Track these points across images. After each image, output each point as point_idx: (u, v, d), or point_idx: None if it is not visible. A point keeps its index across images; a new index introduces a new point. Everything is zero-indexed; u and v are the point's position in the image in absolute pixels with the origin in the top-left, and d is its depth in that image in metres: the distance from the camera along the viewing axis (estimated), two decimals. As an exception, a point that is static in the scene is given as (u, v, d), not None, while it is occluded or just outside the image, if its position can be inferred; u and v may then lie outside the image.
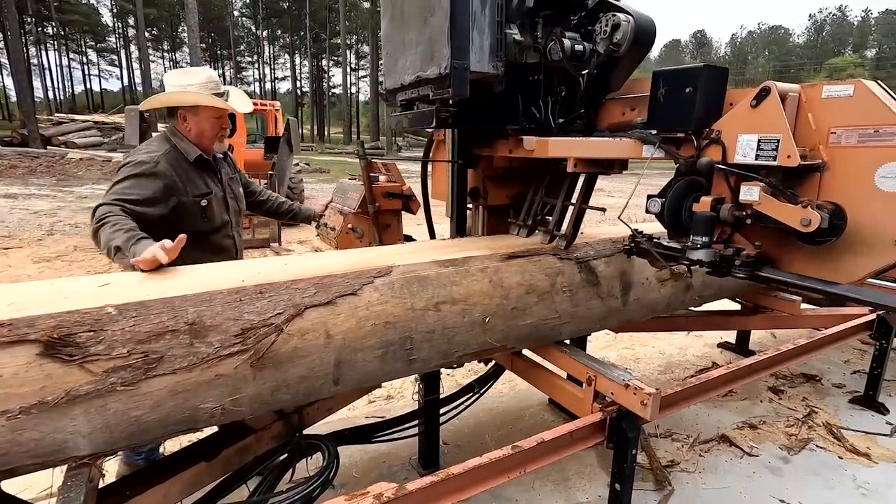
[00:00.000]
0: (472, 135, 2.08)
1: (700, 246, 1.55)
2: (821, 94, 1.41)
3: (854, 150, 1.36)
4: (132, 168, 1.75)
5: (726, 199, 1.56)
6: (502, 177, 2.23)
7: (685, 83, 1.57)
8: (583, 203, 1.98)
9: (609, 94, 1.89)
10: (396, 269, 1.64)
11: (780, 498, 2.21)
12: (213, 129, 1.94)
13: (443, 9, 1.51)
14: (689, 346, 3.86)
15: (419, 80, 1.69)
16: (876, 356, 2.93)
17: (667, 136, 1.65)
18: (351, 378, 1.54)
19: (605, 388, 1.81)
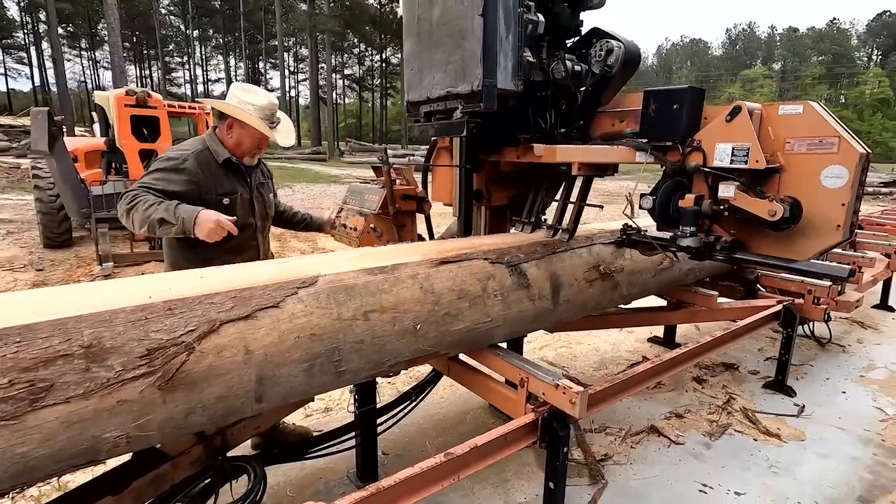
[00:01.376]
0: (479, 142, 2.29)
1: (688, 235, 1.88)
2: (778, 112, 1.76)
3: (804, 156, 1.71)
4: (160, 163, 1.97)
5: (705, 196, 1.88)
6: (503, 180, 2.51)
7: (673, 101, 1.88)
8: (581, 201, 2.31)
9: (600, 107, 2.23)
10: (322, 278, 1.59)
11: (702, 482, 2.35)
12: (251, 146, 2.14)
13: (476, 35, 1.82)
14: (622, 342, 4.03)
15: (449, 94, 1.99)
16: (783, 343, 3.18)
17: (656, 144, 1.95)
18: (275, 394, 1.47)
19: (536, 389, 1.84)
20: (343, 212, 2.80)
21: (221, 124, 2.11)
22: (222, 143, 2.10)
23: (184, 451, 1.58)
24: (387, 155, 2.73)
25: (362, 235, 2.66)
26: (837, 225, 1.67)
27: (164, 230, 1.82)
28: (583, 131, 2.27)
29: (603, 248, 2.44)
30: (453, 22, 1.92)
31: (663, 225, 2.02)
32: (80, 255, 6.42)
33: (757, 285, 3.46)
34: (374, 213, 2.63)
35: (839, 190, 1.66)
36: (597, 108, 2.25)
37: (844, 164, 1.64)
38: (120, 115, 6.13)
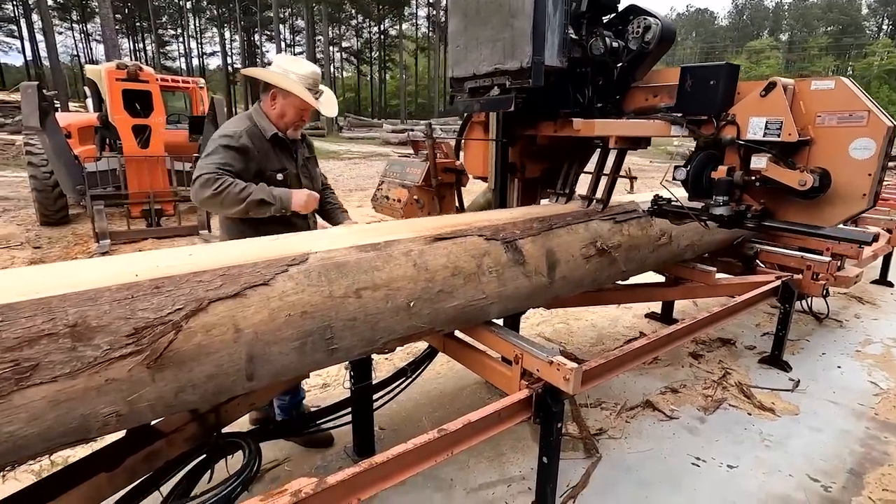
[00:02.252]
0: (515, 116, 2.34)
1: (721, 204, 2.02)
2: (810, 87, 1.87)
3: (834, 129, 1.84)
4: (221, 141, 1.93)
5: (737, 168, 2.02)
6: (536, 153, 2.60)
7: (710, 77, 2.00)
8: (615, 173, 2.46)
9: (634, 83, 2.31)
10: (313, 255, 1.56)
11: (695, 455, 2.37)
12: (295, 117, 2.09)
13: (526, 14, 1.90)
14: (620, 317, 4.04)
15: (496, 71, 2.05)
16: (781, 319, 3.18)
17: (691, 118, 2.06)
18: (267, 372, 1.46)
19: (531, 366, 1.84)
20: (384, 184, 2.92)
21: (265, 96, 2.08)
22: (267, 116, 2.07)
23: (178, 427, 1.59)
24: (431, 129, 2.82)
25: (406, 206, 2.80)
26: (864, 194, 1.82)
27: (261, 210, 1.90)
28: (617, 106, 2.35)
29: (600, 224, 2.40)
30: (503, 0, 1.99)
31: (695, 195, 2.16)
32: (77, 232, 6.40)
33: (756, 261, 3.44)
34: (416, 185, 2.76)
35: (867, 161, 1.79)
36: (631, 84, 2.32)
37: (872, 137, 1.76)
38: (111, 90, 6.00)
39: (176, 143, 7.43)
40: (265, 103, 2.08)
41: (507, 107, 2.07)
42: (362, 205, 9.06)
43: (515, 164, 2.56)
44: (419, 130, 27.31)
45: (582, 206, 2.45)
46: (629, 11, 2.20)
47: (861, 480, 2.23)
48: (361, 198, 9.86)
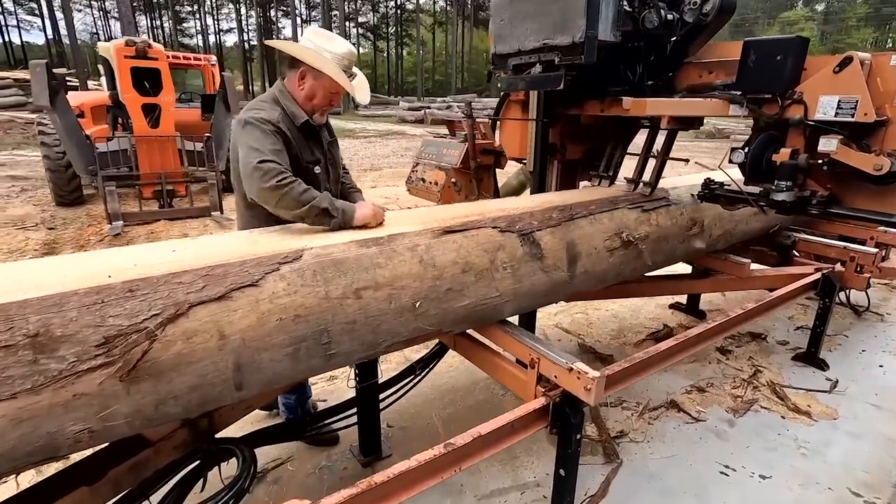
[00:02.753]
0: (558, 95, 2.23)
1: (784, 189, 1.89)
2: (889, 62, 1.70)
3: None
4: (260, 126, 1.66)
5: (801, 150, 1.86)
6: (578, 134, 2.51)
7: (777, 52, 1.83)
8: (665, 154, 2.34)
9: (686, 58, 2.17)
10: (308, 252, 1.42)
11: (724, 463, 2.21)
12: (324, 99, 1.84)
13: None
14: (642, 307, 3.84)
15: (545, 46, 1.96)
16: (819, 314, 2.95)
17: (752, 96, 1.89)
18: (257, 381, 1.33)
19: (548, 371, 1.69)
20: (419, 166, 2.84)
21: (292, 74, 1.81)
22: (293, 98, 1.82)
23: (166, 435, 1.48)
24: (470, 108, 2.72)
25: (443, 189, 2.73)
26: None
27: (319, 220, 1.59)
28: (668, 83, 2.21)
29: (626, 213, 2.21)
30: None
31: (753, 179, 2.01)
32: (91, 213, 6.39)
33: (793, 251, 3.19)
34: (454, 167, 2.69)
35: None
36: (684, 59, 2.18)
37: None
38: (120, 68, 5.88)
39: (188, 123, 7.32)
40: (291, 82, 1.82)
41: (555, 85, 1.96)
42: (376, 185, 8.91)
43: (556, 144, 2.46)
44: (435, 108, 26.85)
45: (627, 190, 2.36)
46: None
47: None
48: (375, 178, 9.69)
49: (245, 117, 1.70)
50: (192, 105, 8.12)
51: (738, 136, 16.81)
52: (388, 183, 9.13)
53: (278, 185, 1.55)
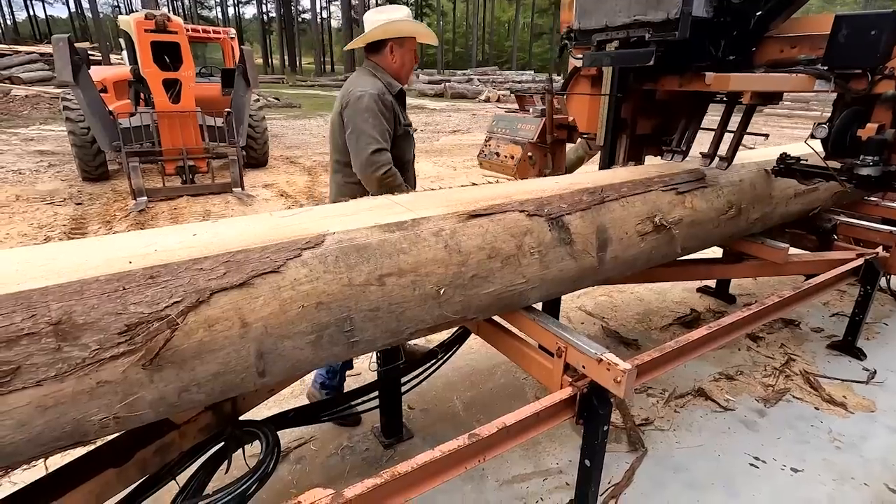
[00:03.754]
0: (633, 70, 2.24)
1: (871, 164, 1.95)
2: None
3: None
4: (373, 105, 1.93)
5: (887, 126, 1.96)
6: (649, 109, 2.50)
7: (872, 27, 1.83)
8: (743, 130, 2.34)
9: (767, 33, 2.14)
10: (330, 237, 1.37)
11: (754, 455, 2.15)
12: (413, 61, 2.12)
13: None
14: (668, 291, 3.74)
15: (636, 22, 1.98)
16: (859, 302, 2.82)
17: (840, 71, 1.91)
18: (280, 368, 1.31)
19: (575, 361, 1.63)
20: (492, 140, 2.90)
21: (379, 54, 2.07)
22: (389, 72, 2.08)
23: (191, 419, 1.49)
24: (551, 83, 2.75)
25: (520, 164, 2.79)
26: None
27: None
28: (747, 58, 2.19)
29: (660, 196, 2.10)
30: None
31: (835, 155, 2.10)
32: (116, 188, 6.48)
33: (833, 235, 3.03)
34: (531, 141, 2.75)
35: None
36: (765, 34, 2.17)
37: None
38: (141, 42, 5.86)
39: (208, 97, 7.30)
40: (384, 59, 2.06)
41: (646, 60, 1.96)
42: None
43: (626, 119, 2.45)
44: (455, 81, 26.31)
45: (703, 164, 2.40)
46: None
47: (950, 495, 1.96)
48: (395, 154, 9.59)
49: (360, 92, 1.93)
50: (212, 80, 8.10)
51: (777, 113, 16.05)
52: (407, 159, 9.04)
53: (382, 177, 1.94)
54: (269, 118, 14.39)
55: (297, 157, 9.01)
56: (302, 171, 7.86)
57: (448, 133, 12.66)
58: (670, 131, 2.60)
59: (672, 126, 2.60)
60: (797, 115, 14.28)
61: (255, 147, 7.53)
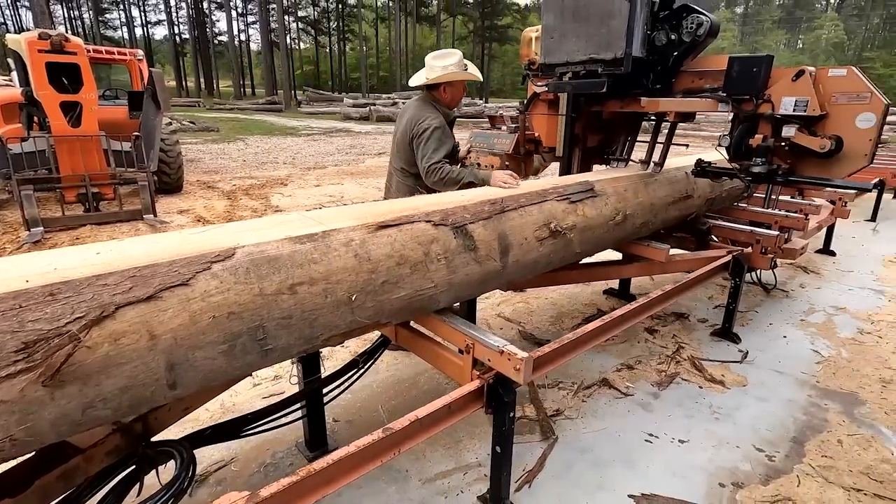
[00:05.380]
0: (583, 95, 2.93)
1: (760, 164, 2.57)
2: (827, 74, 2.43)
3: (845, 106, 2.41)
4: (438, 133, 2.54)
5: (768, 136, 2.56)
6: (596, 127, 3.19)
7: (754, 65, 2.48)
8: (669, 141, 3.05)
9: (682, 68, 2.80)
10: (240, 250, 1.43)
11: (648, 432, 2.41)
12: (461, 95, 2.75)
13: (622, 15, 2.55)
14: (579, 294, 4.06)
15: (591, 59, 2.69)
16: (731, 292, 3.25)
17: (735, 97, 2.54)
18: (192, 379, 1.34)
19: (482, 355, 1.79)
20: (472, 153, 3.47)
21: (436, 90, 2.67)
22: (441, 103, 2.68)
23: (97, 441, 1.46)
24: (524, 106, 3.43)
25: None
26: (865, 154, 2.39)
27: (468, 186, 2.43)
28: (668, 87, 2.84)
29: (555, 205, 2.34)
30: (601, 5, 2.59)
31: (735, 159, 2.71)
32: (6, 219, 5.91)
33: (709, 236, 3.49)
34: (507, 153, 3.39)
35: (869, 129, 2.36)
36: (680, 69, 2.80)
37: (874, 111, 2.34)
38: (34, 63, 5.46)
39: (114, 121, 6.93)
40: (439, 94, 2.68)
41: (601, 88, 2.68)
42: (320, 183, 8.77)
43: (579, 135, 3.11)
44: (381, 105, 26.62)
45: (640, 169, 3.03)
46: (682, 9, 2.66)
47: (802, 448, 2.31)
48: (320, 176, 9.53)
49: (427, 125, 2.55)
50: (119, 102, 7.69)
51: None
52: (332, 181, 9.01)
53: (441, 178, 2.50)
54: (186, 142, 13.76)
55: (215, 182, 8.70)
56: (221, 196, 7.60)
57: (374, 155, 12.78)
58: (613, 144, 3.38)
59: (614, 139, 3.37)
60: (691, 135, 16.04)
61: (167, 172, 7.19)
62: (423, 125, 2.55)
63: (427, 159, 2.52)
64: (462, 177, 2.48)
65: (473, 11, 54.98)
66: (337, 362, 2.78)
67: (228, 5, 38.80)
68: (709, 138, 15.11)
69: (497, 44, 55.67)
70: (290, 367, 2.20)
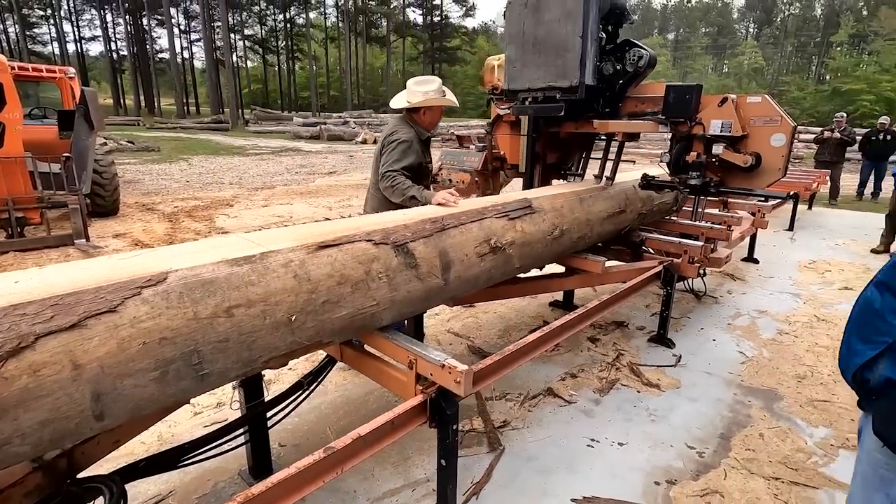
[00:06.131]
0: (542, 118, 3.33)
1: (695, 177, 3.00)
2: (746, 101, 2.88)
3: (761, 128, 2.85)
4: (403, 146, 2.71)
5: (701, 153, 2.99)
6: (554, 146, 3.61)
7: (687, 92, 2.91)
8: (618, 158, 3.42)
9: (626, 94, 3.23)
10: (173, 274, 1.42)
11: (590, 437, 2.51)
12: (438, 118, 2.94)
13: (575, 49, 2.95)
14: (526, 307, 4.18)
15: (550, 87, 3.10)
16: (664, 300, 3.46)
17: (672, 120, 2.96)
18: (121, 409, 1.30)
19: (425, 370, 1.83)
20: (444, 170, 3.87)
21: (416, 112, 2.84)
22: (419, 124, 2.85)
23: (16, 481, 1.37)
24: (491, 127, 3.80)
25: (469, 185, 3.74)
26: (779, 168, 2.86)
27: (412, 202, 2.59)
28: (616, 111, 3.26)
29: (494, 222, 2.44)
30: (558, 40, 3.00)
31: (675, 173, 3.13)
32: (-86, 248, 5.41)
33: (643, 248, 3.70)
34: (476, 169, 3.73)
35: (781, 147, 2.81)
36: (625, 95, 3.23)
37: (784, 132, 2.79)
38: (-50, 80, 5.12)
39: (42, 141, 6.54)
40: (418, 116, 2.85)
41: (559, 112, 3.09)
42: (268, 203, 8.59)
43: (539, 153, 3.49)
44: (331, 124, 26.48)
45: (595, 183, 3.39)
46: (625, 44, 3.11)
47: (728, 443, 2.48)
48: (268, 196, 9.34)
49: (395, 138, 2.73)
50: (47, 122, 7.28)
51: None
52: (281, 201, 8.85)
53: (391, 185, 2.66)
54: (123, 163, 13.14)
55: (155, 204, 8.34)
56: (161, 218, 7.30)
57: (324, 175, 12.67)
58: (569, 160, 3.84)
59: (571, 157, 3.83)
60: (633, 153, 16.99)
61: (102, 194, 6.84)
62: (393, 137, 2.75)
63: (386, 166, 2.69)
64: (409, 190, 2.61)
65: (423, 33, 56.09)
66: (284, 385, 2.73)
67: (170, 22, 37.63)
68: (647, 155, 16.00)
69: (447, 64, 56.86)
70: (233, 392, 2.15)
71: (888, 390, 1.01)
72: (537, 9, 3.06)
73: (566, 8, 2.94)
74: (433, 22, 55.77)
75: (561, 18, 2.97)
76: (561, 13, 2.96)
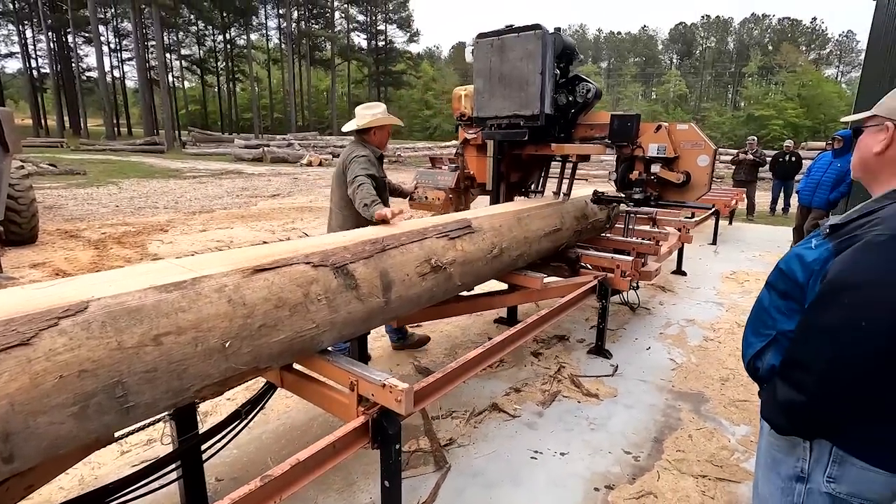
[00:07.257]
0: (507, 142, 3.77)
1: (638, 192, 3.51)
2: (676, 128, 3.41)
3: (690, 150, 3.40)
4: (363, 159, 3.02)
5: (642, 171, 3.51)
6: (517, 166, 4.08)
7: (629, 121, 3.45)
8: (573, 177, 3.91)
9: (578, 122, 3.75)
10: (95, 303, 1.36)
11: (534, 449, 2.58)
12: (387, 136, 3.30)
13: (536, 84, 3.43)
14: (471, 325, 4.25)
15: (515, 115, 3.57)
16: (600, 313, 3.64)
17: (617, 144, 3.50)
18: (34, 449, 1.22)
19: (366, 391, 1.83)
20: (419, 188, 4.19)
21: (367, 134, 3.18)
22: (371, 144, 3.19)
23: None
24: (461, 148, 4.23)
25: (444, 202, 4.06)
26: (705, 184, 3.41)
27: (365, 212, 2.76)
28: (569, 136, 3.77)
29: (434, 242, 2.50)
30: (520, 75, 3.47)
31: (621, 188, 3.64)
32: None
33: (580, 264, 3.89)
34: (450, 187, 4.08)
35: (706, 167, 3.37)
36: (577, 122, 3.75)
37: (707, 154, 3.35)
38: None
39: (-53, 165, 5.98)
40: (369, 136, 3.19)
41: (523, 137, 3.57)
42: (206, 228, 8.26)
43: (503, 172, 3.91)
44: (275, 146, 25.95)
45: (554, 199, 3.82)
46: (575, 79, 3.66)
47: (661, 446, 2.63)
48: (206, 220, 8.98)
49: (356, 154, 3.05)
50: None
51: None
52: (220, 225, 8.54)
53: (359, 186, 2.86)
54: (44, 187, 12.24)
55: (80, 231, 7.81)
56: (86, 246, 6.84)
57: (267, 198, 12.36)
58: (530, 179, 4.30)
59: (531, 176, 4.30)
60: (583, 172, 17.82)
61: (18, 221, 6.34)
62: (354, 154, 3.05)
63: (355, 173, 2.95)
64: (368, 198, 2.80)
65: (367, 57, 56.56)
66: (221, 416, 2.62)
67: (98, 40, 35.80)
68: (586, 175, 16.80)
69: (392, 88, 57.52)
70: (164, 425, 2.04)
71: (772, 377, 1.14)
72: (502, 49, 3.53)
73: (527, 49, 3.42)
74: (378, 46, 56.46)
75: (523, 58, 3.44)
76: (523, 53, 3.44)
